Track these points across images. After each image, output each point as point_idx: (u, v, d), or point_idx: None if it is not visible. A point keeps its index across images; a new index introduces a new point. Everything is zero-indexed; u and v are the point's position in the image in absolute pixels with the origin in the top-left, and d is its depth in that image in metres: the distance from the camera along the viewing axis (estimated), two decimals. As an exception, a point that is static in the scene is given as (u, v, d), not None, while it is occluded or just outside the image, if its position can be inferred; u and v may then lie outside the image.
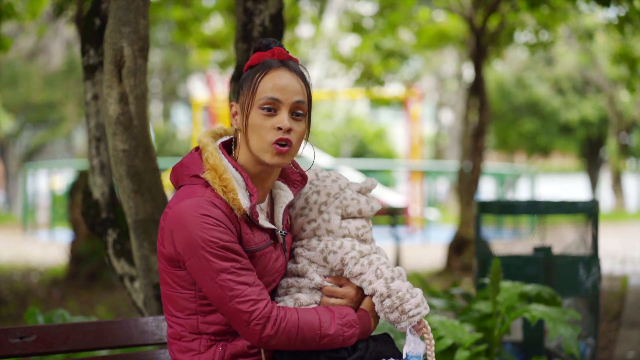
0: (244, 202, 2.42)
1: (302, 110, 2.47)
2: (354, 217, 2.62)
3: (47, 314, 4.29)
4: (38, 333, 2.70)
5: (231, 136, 2.59)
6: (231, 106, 2.54)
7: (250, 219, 2.46)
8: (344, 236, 2.58)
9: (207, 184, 2.44)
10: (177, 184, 2.52)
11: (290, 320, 2.40)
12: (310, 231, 2.59)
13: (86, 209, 3.86)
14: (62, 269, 11.94)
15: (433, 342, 2.55)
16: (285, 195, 2.59)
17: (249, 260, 2.43)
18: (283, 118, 2.43)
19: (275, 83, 2.44)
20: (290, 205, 2.63)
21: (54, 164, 25.61)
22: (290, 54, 2.54)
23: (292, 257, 2.61)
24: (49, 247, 16.41)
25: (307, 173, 2.66)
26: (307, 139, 2.54)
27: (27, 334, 2.68)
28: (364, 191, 2.65)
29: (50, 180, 22.84)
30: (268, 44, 2.52)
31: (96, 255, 10.65)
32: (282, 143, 2.43)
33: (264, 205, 2.56)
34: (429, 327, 2.54)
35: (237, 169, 2.46)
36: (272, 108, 2.44)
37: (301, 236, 2.61)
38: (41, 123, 33.20)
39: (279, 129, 2.43)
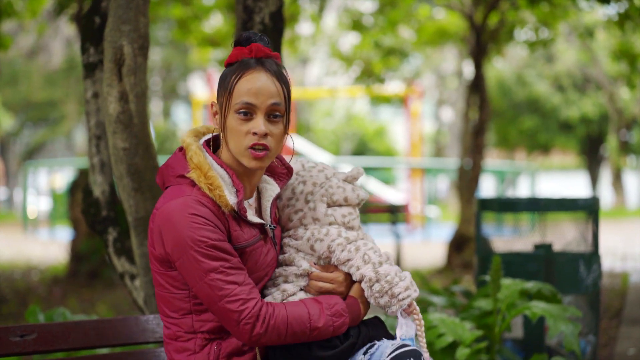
0: (231, 198, 2.41)
1: (278, 112, 2.44)
2: (340, 205, 2.62)
3: (48, 313, 4.29)
4: (39, 331, 2.70)
5: (215, 134, 2.58)
6: (212, 105, 2.53)
7: (238, 215, 2.46)
8: (330, 224, 2.59)
9: (193, 183, 2.43)
10: (164, 185, 2.51)
11: (279, 316, 2.40)
12: (297, 221, 2.60)
13: (86, 207, 3.86)
14: (62, 267, 11.94)
15: (422, 322, 2.56)
16: (271, 188, 2.59)
17: (240, 256, 2.43)
18: (259, 123, 2.41)
19: (250, 87, 2.42)
20: (278, 198, 2.63)
21: (54, 163, 25.61)
22: (269, 48, 2.50)
23: (281, 247, 2.61)
24: (49, 246, 16.42)
25: (293, 164, 2.66)
26: (287, 133, 2.52)
27: (28, 332, 2.68)
28: (350, 179, 2.65)
29: (51, 179, 22.85)
30: (248, 37, 2.49)
31: (97, 253, 10.65)
32: (259, 148, 2.42)
33: (252, 200, 2.56)
34: (417, 308, 2.55)
35: (222, 166, 2.46)
36: (247, 112, 2.42)
37: (288, 226, 2.62)
38: (41, 121, 33.23)
39: (255, 134, 2.41)
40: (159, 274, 2.48)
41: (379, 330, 2.58)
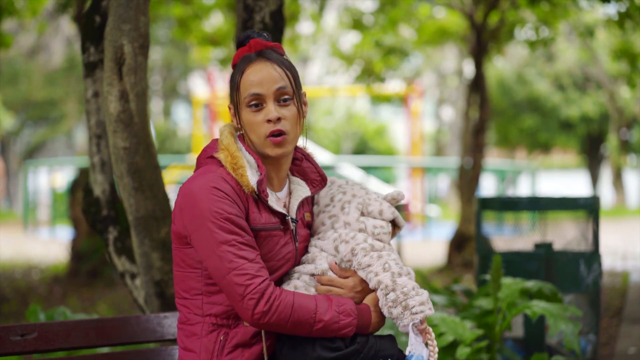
0: (252, 179, 2.47)
1: (287, 95, 2.52)
2: (374, 217, 2.63)
3: (49, 312, 4.29)
4: (39, 330, 2.70)
5: None
6: (230, 108, 2.60)
7: (259, 198, 2.50)
8: (360, 230, 2.60)
9: (220, 164, 2.51)
10: (197, 169, 2.60)
11: (284, 300, 2.41)
12: (329, 224, 2.63)
13: (87, 207, 3.86)
14: (63, 266, 11.95)
15: (437, 349, 2.54)
16: (302, 190, 2.64)
17: (254, 239, 2.47)
18: (270, 109, 2.49)
19: (253, 79, 2.50)
20: (315, 203, 2.69)
21: (54, 162, 25.60)
22: (268, 40, 2.57)
23: (307, 249, 2.64)
24: (50, 245, 16.42)
25: (338, 180, 2.72)
26: (304, 117, 2.59)
27: (29, 331, 2.68)
28: (389, 199, 2.67)
29: (51, 178, 22.84)
30: (246, 37, 2.57)
31: (97, 252, 10.65)
32: (276, 134, 2.49)
33: (282, 195, 2.61)
34: (432, 334, 2.54)
35: (250, 152, 2.53)
36: (258, 103, 2.50)
37: (320, 230, 2.65)
38: (42, 120, 33.22)
39: (269, 121, 2.49)
40: (176, 251, 2.54)
41: (389, 345, 2.55)
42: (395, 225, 2.67)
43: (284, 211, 2.55)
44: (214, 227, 2.41)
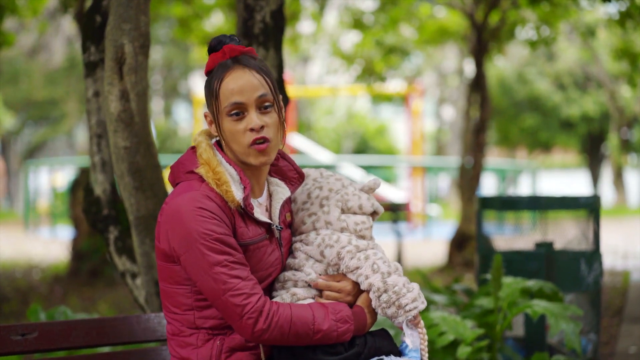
0: (237, 194, 2.43)
1: (268, 102, 2.47)
2: (354, 213, 2.62)
3: (49, 311, 4.30)
4: (40, 330, 2.70)
5: None
6: (206, 116, 2.55)
7: (244, 212, 2.48)
8: (342, 229, 2.59)
9: (202, 179, 2.46)
10: (175, 182, 2.54)
11: (283, 315, 2.41)
12: (310, 224, 2.61)
13: (88, 206, 3.86)
14: (63, 266, 11.95)
15: (426, 336, 2.56)
16: (282, 191, 2.61)
17: (243, 254, 2.44)
18: (253, 118, 2.44)
19: (234, 87, 2.44)
20: (292, 201, 2.65)
21: (55, 161, 25.60)
22: (241, 45, 2.52)
23: (292, 252, 2.62)
24: (50, 244, 16.43)
25: (312, 172, 2.68)
26: (285, 122, 2.55)
27: (29, 331, 2.68)
28: (366, 189, 2.66)
29: (52, 177, 22.85)
30: (216, 43, 2.51)
31: (98, 252, 10.66)
32: (260, 141, 2.45)
33: (263, 200, 2.58)
34: (422, 322, 2.55)
35: (230, 164, 2.49)
36: (239, 112, 2.45)
37: (301, 230, 2.62)
38: (42, 120, 33.23)
39: (252, 130, 2.44)
40: (162, 268, 2.50)
41: (386, 342, 2.57)
42: (374, 212, 2.68)
43: (269, 220, 2.53)
44: (204, 249, 2.37)
